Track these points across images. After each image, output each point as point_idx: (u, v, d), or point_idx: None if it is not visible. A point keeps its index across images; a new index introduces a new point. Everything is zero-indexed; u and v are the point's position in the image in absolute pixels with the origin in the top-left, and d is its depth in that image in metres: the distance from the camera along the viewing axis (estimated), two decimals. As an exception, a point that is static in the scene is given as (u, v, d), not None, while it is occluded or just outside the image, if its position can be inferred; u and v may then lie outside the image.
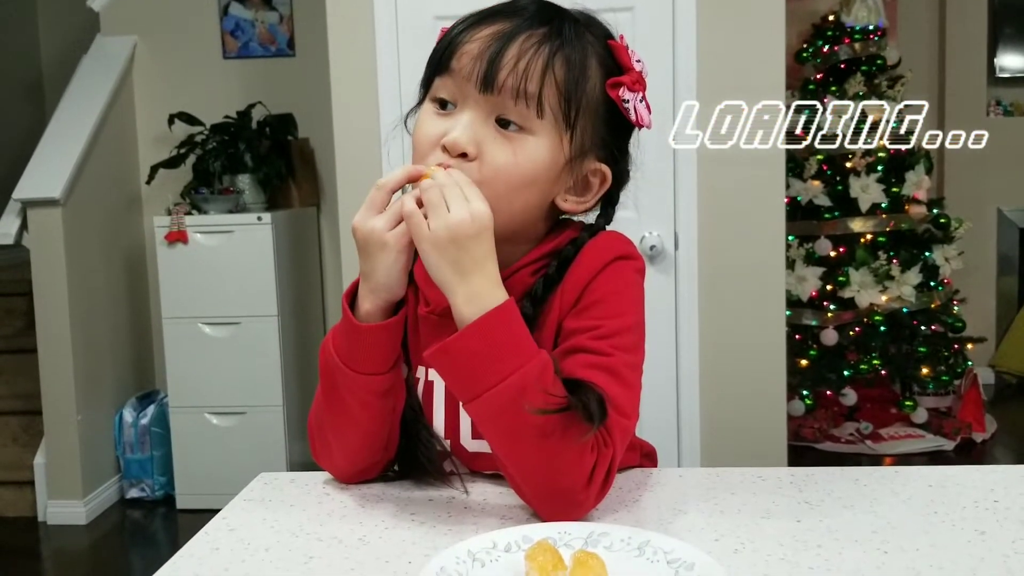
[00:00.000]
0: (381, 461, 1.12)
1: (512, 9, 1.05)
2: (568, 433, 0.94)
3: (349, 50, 3.19)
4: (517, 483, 1.00)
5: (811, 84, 4.69)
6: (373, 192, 1.00)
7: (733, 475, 1.11)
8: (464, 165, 1.01)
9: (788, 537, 0.92)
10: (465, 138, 1.01)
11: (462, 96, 1.03)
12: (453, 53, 1.04)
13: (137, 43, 4.30)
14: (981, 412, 4.49)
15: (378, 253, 0.99)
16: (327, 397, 1.10)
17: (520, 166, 1.02)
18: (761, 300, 3.16)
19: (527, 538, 0.87)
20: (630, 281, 1.08)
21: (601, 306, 1.05)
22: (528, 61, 1.01)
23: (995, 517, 0.96)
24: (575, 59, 1.04)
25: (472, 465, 1.12)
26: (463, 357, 0.95)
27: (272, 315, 3.86)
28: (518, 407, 0.93)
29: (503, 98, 1.01)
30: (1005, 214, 5.46)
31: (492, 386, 0.94)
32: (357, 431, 1.08)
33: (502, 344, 0.95)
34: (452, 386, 1.00)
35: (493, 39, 1.02)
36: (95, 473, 3.91)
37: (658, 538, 0.87)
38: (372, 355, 1.03)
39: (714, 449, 3.19)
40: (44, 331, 3.76)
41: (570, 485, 0.95)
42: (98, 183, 3.98)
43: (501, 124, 1.03)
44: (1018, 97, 5.50)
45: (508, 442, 0.97)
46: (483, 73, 1.01)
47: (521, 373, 0.94)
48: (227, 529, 1.00)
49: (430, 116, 1.06)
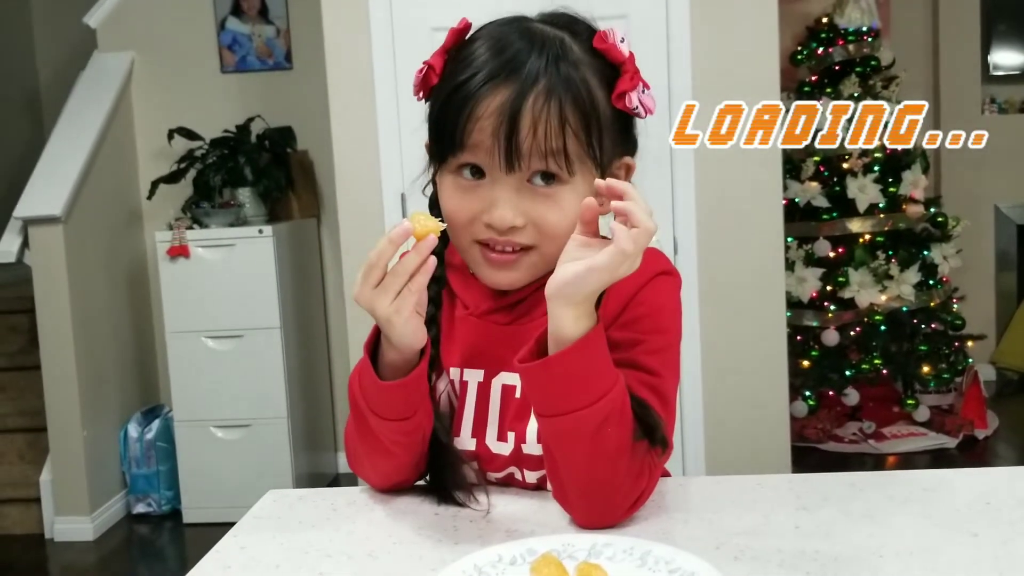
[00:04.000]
0: (415, 476, 1.14)
1: (507, 61, 1.03)
2: (635, 459, 0.98)
3: (346, 62, 3.21)
4: (567, 493, 1.01)
5: (806, 86, 4.71)
6: (367, 267, 0.97)
7: (732, 483, 1.13)
8: (518, 234, 1.05)
9: (787, 543, 0.94)
10: (511, 215, 1.03)
11: (488, 167, 1.04)
12: (463, 137, 1.03)
13: (135, 59, 4.33)
14: (983, 409, 4.51)
15: (386, 327, 0.99)
16: (360, 429, 1.10)
17: (569, 216, 1.03)
18: (761, 302, 3.18)
19: (532, 551, 0.89)
20: (674, 297, 1.12)
21: (647, 320, 1.08)
22: (544, 125, 1.01)
23: (987, 519, 0.98)
24: (582, 95, 1.04)
25: (489, 466, 1.14)
26: (561, 375, 0.96)
27: (275, 327, 3.88)
28: (602, 429, 0.96)
29: (530, 166, 1.03)
30: (1002, 211, 5.48)
31: (584, 406, 0.95)
32: (390, 461, 1.10)
33: (597, 367, 0.97)
34: (539, 399, 0.99)
35: (502, 115, 1.01)
36: (101, 489, 3.93)
37: (660, 548, 0.88)
38: (395, 406, 1.04)
39: (717, 451, 3.21)
40: (47, 348, 3.77)
41: (620, 503, 1.00)
42: (99, 199, 4.00)
43: (535, 182, 1.04)
44: (1012, 94, 5.52)
45: (579, 458, 0.98)
46: (505, 156, 1.01)
47: (610, 397, 0.96)
48: (238, 547, 1.01)
49: (456, 191, 1.06)
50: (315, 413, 4.23)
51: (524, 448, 1.11)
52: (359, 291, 0.98)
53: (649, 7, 3.03)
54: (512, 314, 1.14)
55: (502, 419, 1.13)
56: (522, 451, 1.12)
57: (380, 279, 0.97)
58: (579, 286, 0.94)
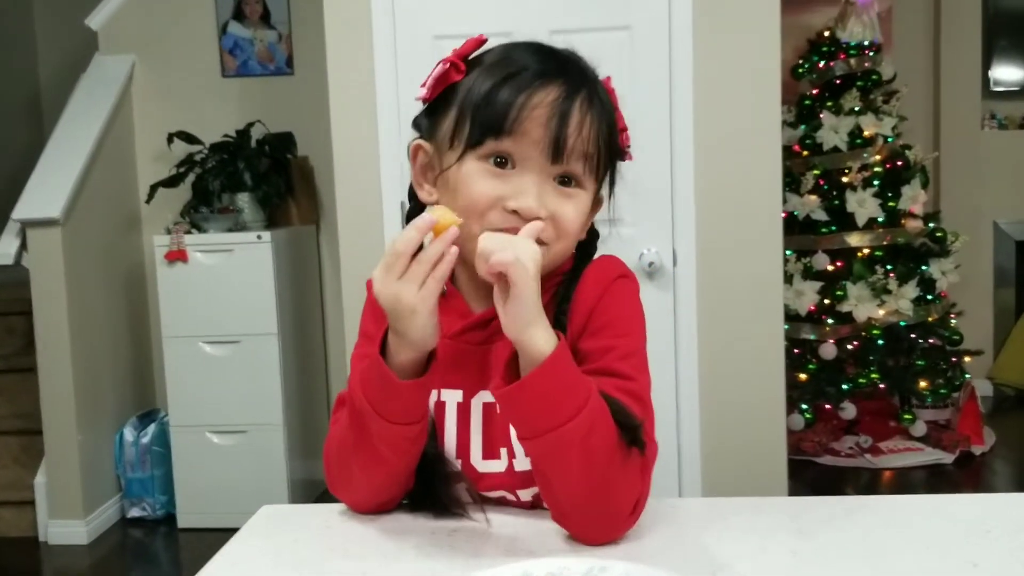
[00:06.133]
0: (401, 494, 1.14)
1: (554, 67, 1.09)
2: (625, 463, 1.00)
3: (348, 68, 3.20)
4: (568, 512, 1.02)
5: (807, 99, 4.72)
6: (391, 257, 0.98)
7: (730, 506, 1.13)
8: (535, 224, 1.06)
9: (785, 569, 0.93)
10: (537, 203, 1.06)
11: (523, 158, 1.07)
12: (515, 122, 1.05)
13: (136, 62, 4.33)
14: (979, 425, 4.50)
15: (409, 317, 0.98)
16: (357, 438, 1.08)
17: (581, 216, 1.11)
18: (759, 315, 3.17)
19: (528, 574, 0.88)
20: (635, 299, 1.16)
21: (614, 326, 1.11)
22: (588, 127, 1.08)
23: (987, 548, 0.97)
24: (612, 113, 1.13)
25: (479, 485, 1.14)
26: (539, 394, 0.97)
27: (272, 333, 3.87)
28: (588, 439, 0.97)
29: (567, 165, 1.08)
30: (1001, 227, 5.48)
31: (567, 420, 0.96)
32: (386, 470, 1.09)
33: (570, 380, 0.98)
34: (521, 423, 1.00)
35: (555, 108, 1.06)
36: (96, 492, 3.92)
37: (656, 573, 0.88)
38: (408, 408, 1.04)
39: (714, 464, 3.20)
40: (44, 350, 3.77)
41: (621, 509, 1.01)
42: (97, 202, 3.99)
43: (560, 182, 1.09)
44: (1012, 110, 5.53)
45: (573, 473, 0.98)
46: (553, 145, 1.06)
47: (589, 407, 0.97)
48: (229, 564, 1.01)
49: (484, 176, 1.07)
50: (311, 420, 4.22)
51: (516, 465, 1.12)
52: (383, 283, 0.98)
53: (652, 19, 3.03)
54: (484, 332, 1.14)
55: (487, 437, 1.13)
56: (515, 469, 1.12)
57: (405, 269, 0.97)
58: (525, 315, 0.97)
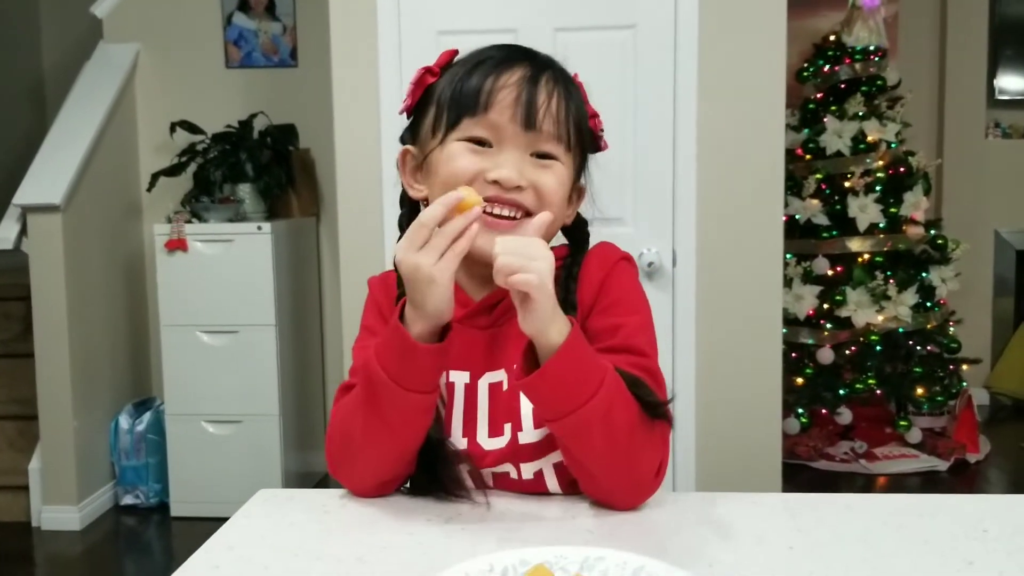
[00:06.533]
0: (403, 475, 1.15)
1: (519, 54, 1.18)
2: (645, 432, 1.07)
3: (352, 62, 3.20)
4: (597, 481, 1.08)
5: (811, 103, 4.71)
6: (415, 228, 1.03)
7: (728, 501, 1.12)
8: (521, 195, 1.14)
9: (780, 564, 0.93)
10: (516, 173, 1.13)
11: (499, 136, 1.14)
12: (488, 99, 1.14)
13: (140, 51, 4.32)
14: (975, 433, 4.50)
15: (427, 287, 1.02)
16: (368, 412, 1.10)
17: (563, 187, 1.17)
18: (758, 318, 3.17)
19: (524, 562, 0.88)
20: (636, 279, 1.24)
21: (622, 304, 1.18)
22: (556, 101, 1.16)
23: (983, 548, 0.97)
24: (578, 93, 1.21)
25: (482, 463, 1.16)
26: (559, 379, 1.02)
27: (270, 324, 3.87)
28: (610, 413, 1.03)
29: (541, 135, 1.15)
30: (1002, 236, 5.48)
31: (588, 399, 1.02)
32: (395, 445, 1.11)
33: (587, 361, 1.04)
34: (545, 407, 1.05)
35: (524, 83, 1.14)
36: (90, 479, 3.91)
37: (653, 564, 0.87)
38: (425, 375, 1.07)
39: (709, 466, 3.20)
40: (42, 336, 3.76)
41: (642, 476, 1.08)
42: (99, 190, 3.99)
43: (538, 157, 1.15)
44: (1017, 119, 5.52)
45: (598, 447, 1.04)
46: (525, 115, 1.13)
47: (607, 384, 1.03)
48: (226, 547, 1.01)
49: (464, 153, 1.14)
50: (307, 412, 4.22)
51: (521, 438, 1.15)
52: (404, 251, 1.03)
53: (657, 18, 3.03)
54: (491, 317, 1.20)
55: (492, 415, 1.17)
56: (519, 442, 1.15)
57: (426, 240, 1.02)
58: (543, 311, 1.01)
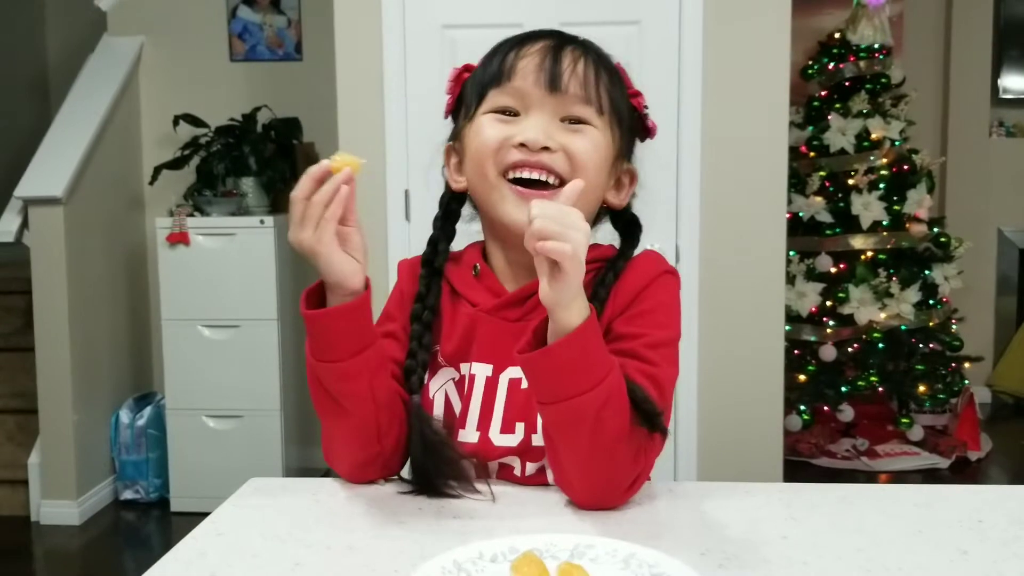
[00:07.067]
0: (379, 454, 1.14)
1: (545, 32, 1.18)
2: (632, 442, 1.03)
3: (356, 56, 3.20)
4: (569, 477, 1.06)
5: (816, 101, 4.70)
6: (291, 206, 1.04)
7: (722, 490, 1.12)
8: (550, 157, 1.11)
9: (774, 553, 0.93)
10: (543, 134, 1.11)
11: (525, 104, 1.14)
12: (511, 68, 1.14)
13: (144, 44, 4.32)
14: (977, 431, 4.49)
15: (315, 260, 1.04)
16: (313, 395, 1.13)
17: (598, 150, 1.14)
18: (761, 314, 3.17)
19: (514, 549, 0.87)
20: (676, 296, 1.19)
21: (652, 315, 1.14)
22: (583, 65, 1.14)
23: (978, 537, 0.97)
24: (612, 68, 1.19)
25: (488, 455, 1.16)
26: (562, 363, 0.99)
27: (272, 319, 3.86)
28: (601, 413, 1.00)
29: (568, 98, 1.13)
30: (1005, 234, 5.46)
31: (584, 391, 0.99)
32: (346, 422, 1.12)
33: (594, 354, 1.01)
34: (540, 388, 1.02)
35: (547, 51, 1.14)
36: (90, 474, 3.91)
37: (643, 551, 0.87)
38: (341, 341, 1.07)
39: (710, 462, 3.19)
40: (42, 330, 3.76)
41: (619, 484, 1.04)
42: (101, 183, 3.98)
43: (569, 123, 1.13)
44: (1021, 118, 5.50)
45: (581, 443, 1.02)
46: (549, 77, 1.12)
47: (607, 383, 1.01)
48: (215, 534, 1.00)
49: (491, 123, 1.15)
50: (308, 407, 4.16)
51: (534, 440, 1.14)
52: (291, 232, 1.04)
53: (662, 14, 3.02)
54: (522, 309, 1.18)
55: (508, 412, 1.16)
56: (531, 442, 1.14)
57: (302, 214, 1.03)
58: (567, 287, 0.98)
